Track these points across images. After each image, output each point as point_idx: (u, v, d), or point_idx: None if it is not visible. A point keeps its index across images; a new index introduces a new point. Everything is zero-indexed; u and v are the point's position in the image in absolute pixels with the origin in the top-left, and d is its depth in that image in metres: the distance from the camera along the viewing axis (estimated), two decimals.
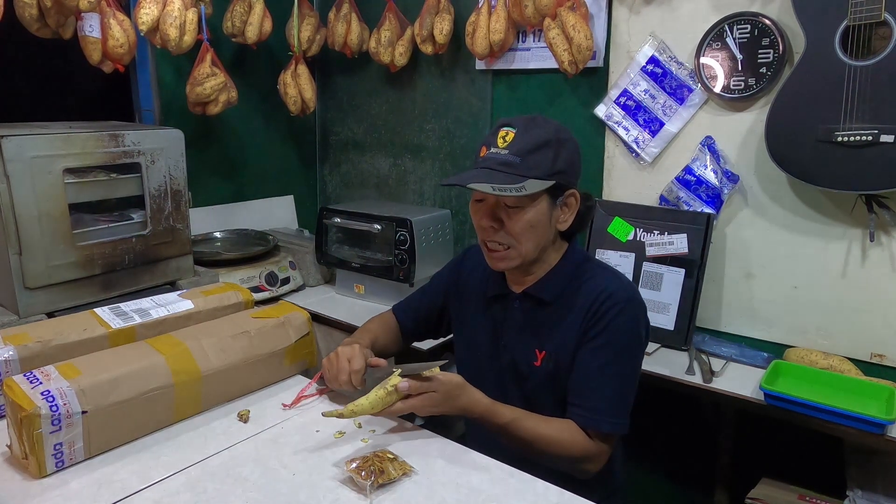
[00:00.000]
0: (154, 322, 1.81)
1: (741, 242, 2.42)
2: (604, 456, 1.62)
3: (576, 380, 1.64)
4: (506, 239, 1.63)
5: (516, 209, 1.60)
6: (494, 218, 1.63)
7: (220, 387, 1.68)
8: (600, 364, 1.61)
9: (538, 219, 1.61)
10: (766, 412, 2.02)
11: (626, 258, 2.53)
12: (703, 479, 2.58)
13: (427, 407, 1.52)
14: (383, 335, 1.97)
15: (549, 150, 1.57)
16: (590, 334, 1.63)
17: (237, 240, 3.19)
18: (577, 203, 1.67)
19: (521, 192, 1.53)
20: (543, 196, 1.60)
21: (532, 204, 1.59)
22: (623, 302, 1.62)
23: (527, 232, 1.62)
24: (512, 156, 1.57)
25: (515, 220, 1.61)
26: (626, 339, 1.63)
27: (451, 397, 1.54)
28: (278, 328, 1.84)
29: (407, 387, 1.50)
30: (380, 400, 1.50)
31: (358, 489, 1.35)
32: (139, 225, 2.31)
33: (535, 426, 1.59)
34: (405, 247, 2.73)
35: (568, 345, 1.66)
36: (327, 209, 3.00)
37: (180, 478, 1.39)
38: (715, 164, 2.40)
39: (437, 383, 1.52)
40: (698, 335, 2.47)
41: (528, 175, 1.56)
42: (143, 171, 2.27)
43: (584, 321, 1.64)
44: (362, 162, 3.63)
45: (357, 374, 1.63)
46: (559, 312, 1.69)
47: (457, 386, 1.55)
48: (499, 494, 1.36)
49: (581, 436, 1.60)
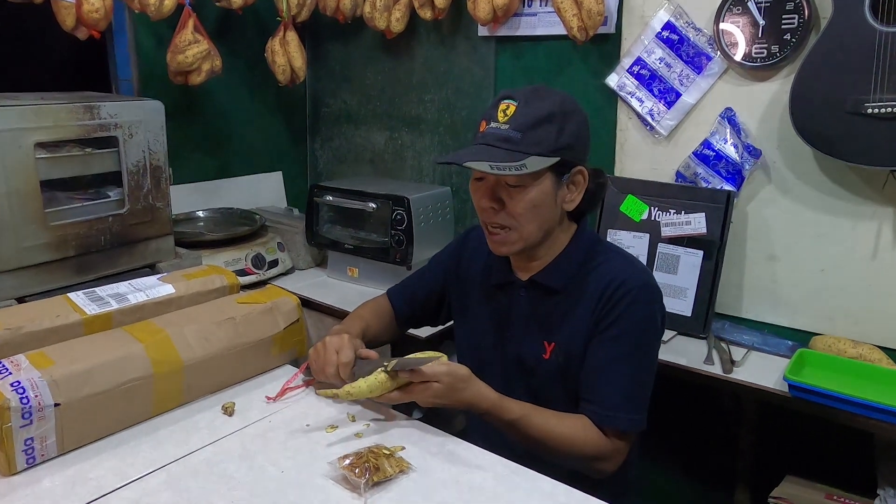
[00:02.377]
0: (132, 308, 1.80)
1: (764, 222, 2.41)
2: (620, 455, 1.62)
3: (588, 374, 1.64)
4: (507, 220, 1.62)
5: (518, 188, 1.59)
6: (494, 198, 1.62)
7: (203, 377, 1.68)
8: (614, 357, 1.61)
9: (542, 199, 1.60)
10: (791, 405, 2.02)
11: (640, 239, 2.52)
12: (723, 477, 2.59)
13: (429, 397, 1.52)
14: (376, 322, 1.96)
15: (552, 124, 1.56)
16: (602, 325, 1.63)
17: (221, 219, 3.19)
18: (586, 181, 1.66)
19: (522, 170, 1.52)
20: (547, 174, 1.59)
21: (535, 182, 1.58)
22: (637, 289, 1.62)
23: (529, 213, 1.60)
24: (512, 131, 1.56)
25: (517, 200, 1.59)
26: (641, 330, 1.63)
27: (456, 389, 1.53)
28: (266, 314, 1.83)
29: (409, 376, 1.50)
30: (379, 385, 1.51)
31: (351, 487, 1.34)
32: (116, 203, 2.30)
33: (547, 423, 1.59)
34: (402, 227, 2.73)
35: (578, 336, 1.66)
36: (318, 186, 3.00)
37: (160, 475, 1.39)
38: (735, 137, 2.39)
39: (442, 373, 1.51)
40: (717, 322, 2.46)
41: (529, 151, 1.55)
42: (121, 145, 2.26)
43: (595, 311, 1.64)
44: (356, 136, 3.62)
45: (345, 366, 1.62)
46: (568, 301, 1.69)
47: (462, 378, 1.54)
48: (502, 493, 1.36)
49: (596, 433, 1.60)
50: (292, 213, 3.49)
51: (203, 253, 2.69)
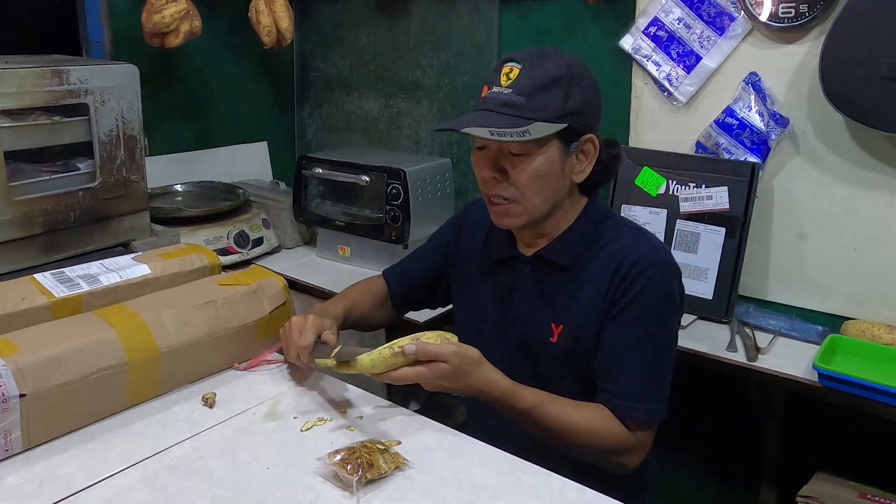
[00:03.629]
0: (104, 290, 1.79)
1: (791, 197, 2.41)
2: (643, 447, 1.62)
3: (605, 361, 1.64)
4: (510, 192, 1.62)
5: (521, 157, 1.59)
6: (497, 168, 1.62)
7: (181, 366, 1.67)
8: (631, 342, 1.61)
9: (547, 168, 1.60)
10: (821, 395, 2.02)
11: (657, 215, 2.52)
12: (747, 474, 2.60)
13: (434, 378, 1.50)
14: (365, 302, 1.96)
15: (559, 88, 1.56)
16: (617, 307, 1.62)
17: (201, 194, 3.19)
18: (597, 150, 1.66)
19: (525, 136, 1.52)
20: (553, 142, 1.59)
21: (539, 151, 1.58)
22: (653, 267, 1.61)
23: (534, 184, 1.60)
24: (516, 95, 1.56)
25: (520, 169, 1.59)
26: (659, 311, 1.62)
27: (465, 373, 1.52)
28: (250, 297, 1.83)
29: (414, 350, 1.48)
30: (382, 360, 1.49)
31: (343, 485, 1.34)
32: (87, 176, 2.29)
33: (564, 412, 1.59)
34: (398, 202, 2.72)
35: (590, 318, 1.65)
36: (307, 158, 3.01)
37: (135, 472, 1.38)
38: (761, 104, 2.38)
39: (450, 353, 1.49)
40: (741, 305, 2.46)
41: (534, 117, 1.55)
42: (92, 113, 2.24)
43: (608, 292, 1.63)
44: (348, 103, 3.62)
45: (304, 350, 1.62)
46: (578, 280, 1.68)
47: (472, 360, 1.53)
48: (507, 491, 1.35)
49: (616, 424, 1.59)
50: (278, 187, 3.49)
51: (181, 230, 2.68)
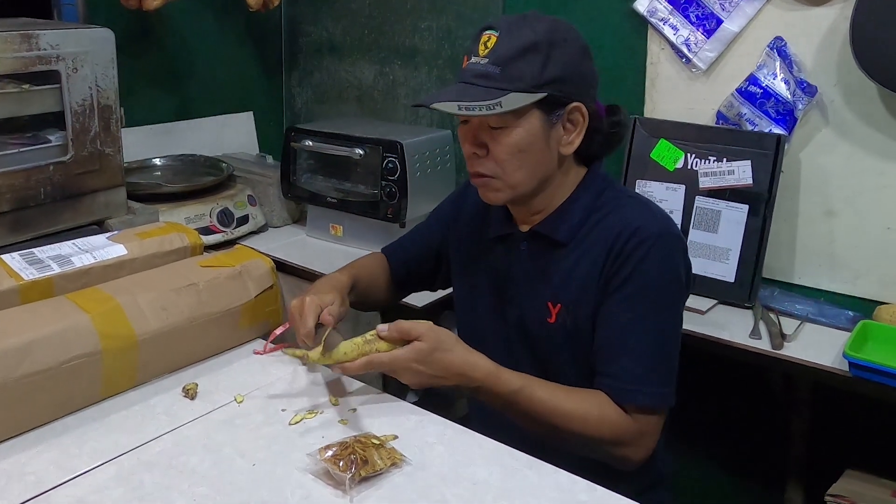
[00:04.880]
0: (77, 272, 1.79)
1: (820, 171, 2.40)
2: (647, 438, 1.61)
3: (602, 343, 1.64)
4: (490, 167, 1.64)
5: (500, 130, 1.61)
6: (478, 143, 1.65)
7: (160, 354, 1.67)
8: (630, 320, 1.61)
9: (528, 141, 1.61)
10: (851, 386, 2.03)
11: (674, 192, 2.52)
12: (772, 471, 2.60)
13: (410, 361, 1.51)
14: (367, 277, 1.97)
15: (536, 55, 1.57)
16: (614, 283, 1.63)
17: (182, 168, 3.18)
18: (585, 119, 1.66)
19: (496, 109, 1.54)
20: (533, 112, 1.60)
21: (518, 123, 1.60)
22: (653, 238, 1.61)
23: (514, 158, 1.62)
24: (491, 65, 1.58)
25: (499, 143, 1.61)
26: (660, 285, 1.62)
27: (441, 351, 1.52)
28: (234, 280, 1.83)
29: (385, 329, 1.51)
30: (355, 348, 1.51)
31: (335, 483, 1.34)
32: (58, 149, 2.28)
33: (553, 396, 1.58)
34: (394, 177, 2.72)
35: (587, 296, 1.66)
36: (296, 130, 3.00)
37: (110, 469, 1.38)
38: (786, 72, 2.37)
39: (424, 329, 1.51)
40: (766, 289, 2.47)
41: (508, 88, 1.56)
42: (63, 81, 2.23)
43: (605, 265, 1.64)
44: (340, 70, 3.61)
45: (308, 337, 1.62)
46: (575, 254, 1.69)
47: (449, 339, 1.55)
48: (512, 489, 1.35)
49: (614, 411, 1.58)
50: (265, 161, 3.49)
51: (160, 208, 2.67)
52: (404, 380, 1.54)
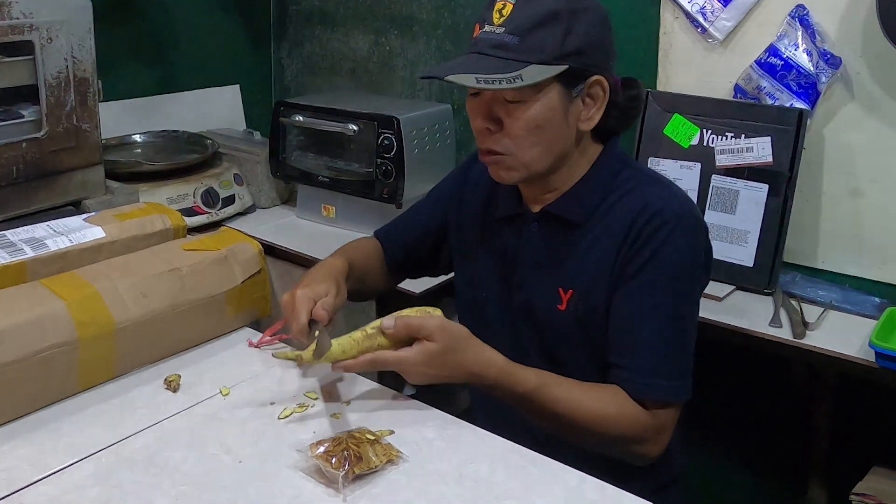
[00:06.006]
0: (52, 256, 1.79)
1: (845, 148, 2.40)
2: (665, 433, 1.61)
3: (617, 332, 1.64)
4: (503, 144, 1.62)
5: (517, 105, 1.58)
6: (491, 118, 1.62)
7: (140, 344, 1.68)
8: (648, 308, 1.60)
9: (547, 116, 1.59)
10: (878, 377, 2.02)
11: (689, 170, 2.51)
12: (793, 468, 2.61)
13: (420, 364, 1.49)
14: (360, 262, 1.94)
15: (557, 25, 1.55)
16: (631, 268, 1.62)
17: (164, 145, 3.18)
18: (606, 94, 1.65)
19: (516, 82, 1.52)
20: (553, 86, 1.58)
21: (537, 97, 1.58)
22: (675, 220, 1.61)
23: (531, 135, 1.60)
24: (508, 35, 1.55)
25: (515, 118, 1.59)
26: (681, 272, 1.61)
27: (454, 352, 1.51)
28: (219, 265, 1.83)
29: (392, 325, 1.48)
30: (355, 344, 1.48)
31: (327, 481, 1.34)
32: (31, 125, 2.28)
33: (570, 394, 1.58)
34: (390, 154, 2.72)
35: (601, 281, 1.65)
36: (285, 104, 3.00)
37: (87, 466, 1.38)
38: (809, 42, 2.36)
39: (435, 328, 1.49)
40: (786, 274, 2.46)
41: (528, 60, 1.54)
42: (37, 52, 2.23)
43: (622, 249, 1.63)
44: (333, 40, 3.60)
45: (301, 333, 1.59)
46: (589, 237, 1.68)
47: (462, 337, 1.53)
48: (516, 488, 1.35)
49: (633, 407, 1.58)
50: (252, 138, 3.48)
51: (140, 187, 2.68)
52: (409, 379, 1.52)
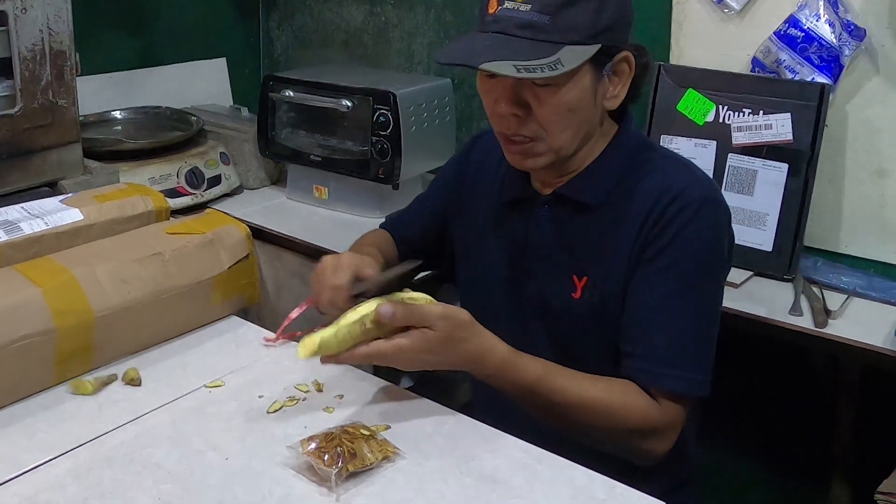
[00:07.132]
0: (26, 240, 1.79)
1: (869, 126, 2.39)
2: (675, 429, 1.60)
3: (631, 317, 1.63)
4: (532, 129, 1.60)
5: (548, 88, 1.56)
6: (517, 102, 1.59)
7: (120, 333, 1.68)
8: (665, 295, 1.60)
9: (579, 98, 1.58)
10: None
11: (704, 148, 2.51)
12: (815, 465, 2.60)
13: (419, 353, 1.47)
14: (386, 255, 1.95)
15: (590, 1, 1.53)
16: (650, 252, 1.61)
17: (146, 122, 3.18)
18: (632, 69, 1.64)
19: (558, 68, 1.49)
20: (586, 66, 1.56)
21: (571, 80, 1.55)
22: (697, 203, 1.60)
23: (564, 119, 1.59)
24: (536, 13, 1.52)
25: (548, 104, 1.57)
26: (703, 258, 1.61)
27: (455, 341, 1.49)
28: (204, 249, 1.84)
29: (390, 314, 1.43)
30: (348, 334, 1.45)
31: (319, 479, 1.34)
32: (4, 101, 2.28)
33: (574, 384, 1.57)
34: (387, 132, 2.71)
35: (619, 268, 1.64)
36: (275, 78, 2.99)
37: (64, 463, 1.39)
38: (831, 12, 2.35)
39: (437, 315, 1.46)
40: (808, 259, 2.46)
41: (563, 41, 1.51)
42: (10, 23, 2.22)
43: (641, 233, 1.62)
44: (325, 10, 3.60)
45: (338, 290, 1.57)
46: (605, 221, 1.68)
47: (463, 324, 1.50)
48: (521, 486, 1.35)
49: (642, 399, 1.57)
50: (240, 114, 3.47)
51: (121, 167, 2.67)
52: (401, 366, 1.51)
